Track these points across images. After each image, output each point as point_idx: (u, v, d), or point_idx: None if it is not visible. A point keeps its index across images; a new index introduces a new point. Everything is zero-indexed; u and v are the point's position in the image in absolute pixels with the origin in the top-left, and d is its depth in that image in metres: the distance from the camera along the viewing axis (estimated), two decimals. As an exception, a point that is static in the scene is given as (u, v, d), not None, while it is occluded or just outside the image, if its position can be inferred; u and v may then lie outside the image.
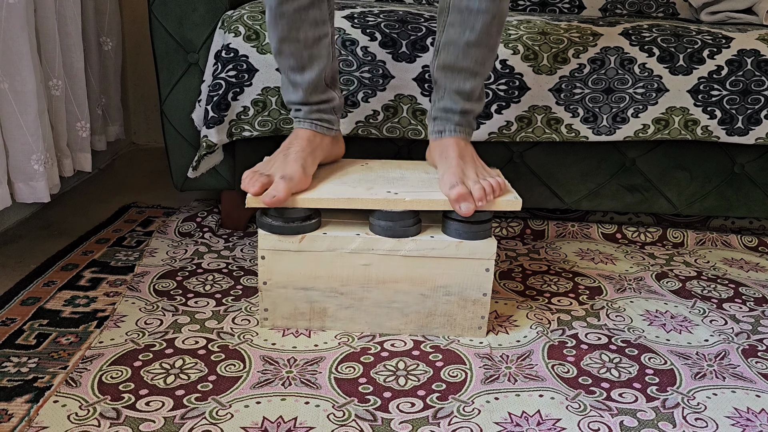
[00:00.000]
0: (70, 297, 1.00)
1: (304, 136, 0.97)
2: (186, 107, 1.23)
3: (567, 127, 1.20)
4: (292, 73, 0.96)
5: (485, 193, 0.89)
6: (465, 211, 0.88)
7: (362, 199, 0.90)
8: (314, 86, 0.96)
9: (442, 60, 0.96)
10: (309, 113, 0.98)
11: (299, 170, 0.91)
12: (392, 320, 0.94)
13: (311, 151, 0.96)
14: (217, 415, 0.74)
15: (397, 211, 0.89)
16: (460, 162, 0.94)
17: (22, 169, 1.11)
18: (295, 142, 0.96)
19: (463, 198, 0.88)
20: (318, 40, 0.94)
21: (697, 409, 0.79)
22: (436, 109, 1.00)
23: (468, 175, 0.92)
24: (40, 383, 0.78)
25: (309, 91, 0.96)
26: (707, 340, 0.96)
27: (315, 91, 0.97)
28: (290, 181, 0.89)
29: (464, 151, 0.97)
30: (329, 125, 1.00)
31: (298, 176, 0.90)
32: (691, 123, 1.21)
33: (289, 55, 0.94)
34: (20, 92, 1.07)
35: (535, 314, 1.02)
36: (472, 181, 0.91)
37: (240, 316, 0.97)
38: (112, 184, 1.61)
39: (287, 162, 0.92)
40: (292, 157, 0.93)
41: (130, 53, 1.91)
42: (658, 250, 1.31)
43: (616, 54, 1.17)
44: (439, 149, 0.99)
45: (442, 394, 0.80)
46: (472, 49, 0.94)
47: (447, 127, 0.98)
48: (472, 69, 0.95)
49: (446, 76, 0.97)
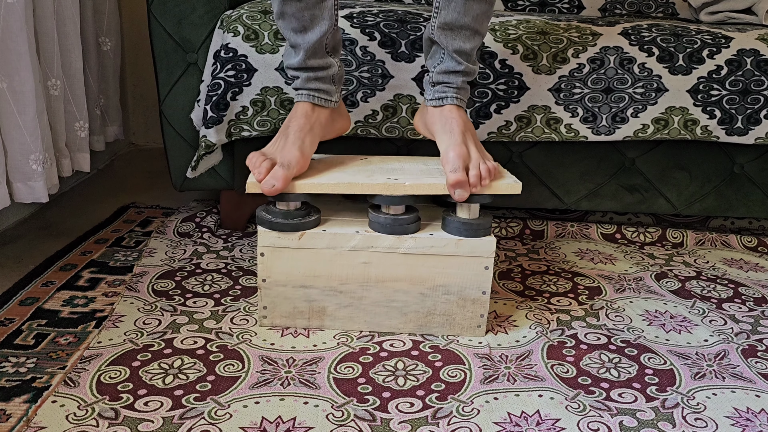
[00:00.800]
0: (68, 297, 1.00)
1: (302, 111, 0.96)
2: (185, 107, 1.22)
3: (566, 126, 1.20)
4: (294, 35, 0.94)
5: (480, 179, 0.90)
6: (458, 197, 0.90)
7: (362, 184, 0.90)
8: (314, 49, 0.94)
9: (443, 18, 0.95)
10: (306, 81, 0.96)
11: (297, 154, 0.91)
12: (391, 319, 0.94)
13: (309, 128, 0.95)
14: (215, 415, 0.74)
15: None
16: (464, 138, 0.94)
17: (21, 169, 1.11)
18: (294, 120, 0.96)
19: (460, 185, 0.89)
20: (321, 1, 0.93)
21: (696, 409, 0.79)
22: (437, 73, 0.98)
23: (471, 155, 0.92)
24: (38, 383, 0.78)
25: (309, 53, 0.94)
26: (707, 340, 0.96)
27: (314, 54, 0.95)
28: (288, 168, 0.89)
29: (467, 126, 0.97)
30: (327, 96, 0.98)
31: (295, 160, 0.90)
32: (690, 123, 1.21)
33: (291, 15, 0.92)
34: (19, 92, 1.07)
35: (535, 314, 1.01)
36: (473, 164, 0.91)
37: (239, 316, 0.97)
38: (111, 185, 1.61)
39: (286, 146, 0.92)
40: (291, 138, 0.93)
41: (129, 53, 1.91)
42: (657, 250, 1.31)
43: (616, 54, 1.17)
44: (441, 119, 0.97)
45: (442, 394, 0.80)
46: (473, 3, 0.93)
47: (449, 94, 0.97)
48: (472, 26, 0.95)
49: (447, 36, 0.95)
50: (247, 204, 1.29)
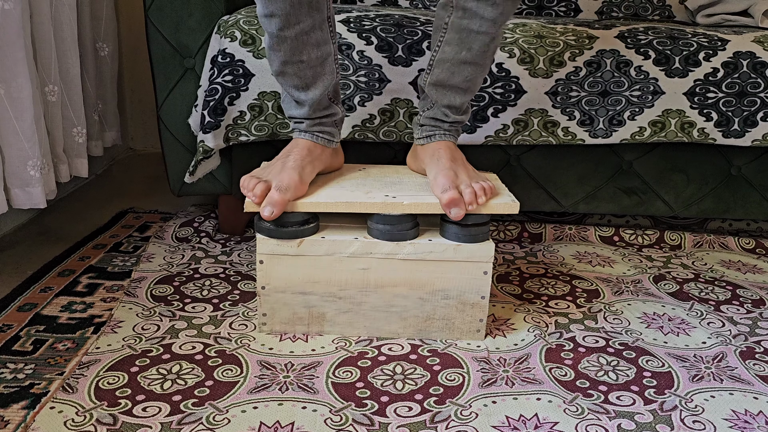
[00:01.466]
0: (66, 303, 1.00)
1: (305, 145, 0.97)
2: (183, 112, 1.22)
3: (563, 130, 1.20)
4: (296, 91, 0.96)
5: (476, 197, 0.90)
6: (455, 216, 0.89)
7: (361, 203, 0.90)
8: (318, 103, 0.96)
9: (435, 77, 0.97)
10: (311, 126, 0.98)
11: (296, 178, 0.90)
12: (391, 324, 0.94)
13: (311, 160, 0.96)
14: (214, 421, 0.74)
15: (395, 214, 0.90)
16: (452, 164, 0.95)
17: (19, 174, 1.11)
18: (295, 150, 0.96)
19: (454, 203, 0.89)
20: (322, 60, 0.94)
21: (695, 411, 0.79)
22: (425, 117, 1.01)
23: (460, 177, 0.92)
24: (36, 389, 0.78)
25: (313, 107, 0.96)
26: (705, 343, 0.96)
27: (318, 107, 0.97)
28: (286, 192, 0.88)
29: (455, 154, 0.98)
30: (330, 137, 1.00)
31: (294, 185, 0.90)
32: (687, 125, 1.21)
33: (292, 75, 0.93)
34: (16, 98, 1.07)
35: (533, 317, 1.02)
36: (464, 184, 0.91)
37: (237, 321, 0.97)
38: (109, 190, 1.61)
39: (284, 170, 0.91)
40: (290, 164, 0.92)
41: (127, 59, 1.91)
42: (655, 253, 1.31)
43: (612, 57, 1.17)
44: (429, 152, 0.99)
45: (440, 398, 0.80)
46: (466, 67, 0.95)
47: (437, 133, 1.00)
48: (463, 86, 0.97)
49: (438, 92, 0.98)
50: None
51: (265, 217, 0.87)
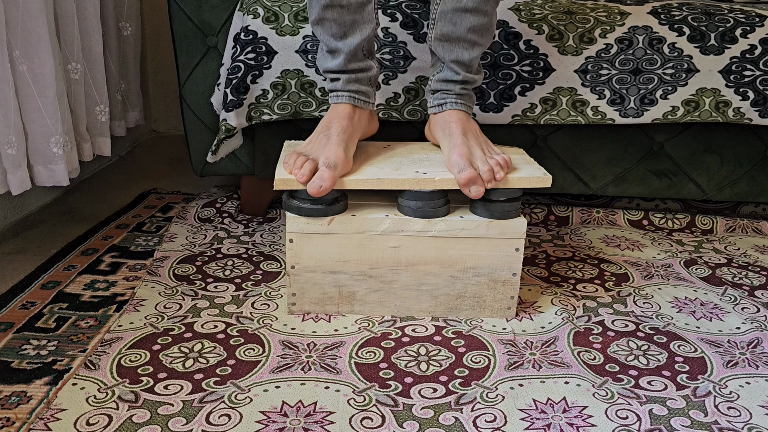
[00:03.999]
0: (89, 281, 1.00)
1: (344, 113, 0.95)
2: (205, 91, 1.21)
3: (593, 109, 1.16)
4: (333, 40, 0.93)
5: (494, 174, 0.88)
6: (474, 194, 0.88)
7: (392, 179, 0.88)
8: (354, 53, 0.93)
9: (439, 30, 0.94)
10: (347, 83, 0.95)
11: (342, 155, 0.89)
12: (421, 303, 0.92)
13: (351, 131, 0.94)
14: (235, 399, 0.73)
15: (426, 191, 0.88)
16: (465, 139, 0.92)
17: (41, 151, 1.11)
18: (335, 122, 0.94)
19: (472, 181, 0.87)
20: (362, 5, 0.91)
21: (729, 398, 0.77)
22: (436, 81, 0.98)
23: (474, 153, 0.90)
24: (59, 366, 0.77)
25: (349, 57, 0.93)
26: (739, 328, 0.93)
27: (354, 58, 0.94)
28: (335, 168, 0.87)
29: (467, 127, 0.95)
30: (366, 98, 0.97)
31: (341, 162, 0.88)
32: (722, 105, 1.17)
33: (331, 21, 0.91)
34: (39, 74, 1.07)
35: (560, 300, 0.99)
36: (480, 160, 0.89)
37: (259, 300, 0.96)
38: (132, 171, 1.61)
39: (329, 146, 0.90)
40: (333, 140, 0.91)
41: (150, 40, 1.90)
42: (686, 237, 1.28)
43: (645, 33, 1.13)
44: (441, 124, 0.97)
45: (465, 380, 0.78)
46: (468, 15, 0.92)
47: (448, 100, 0.97)
48: (469, 38, 0.94)
49: (444, 48, 0.95)
50: (268, 190, 1.28)
51: (313, 192, 0.85)
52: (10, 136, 1.03)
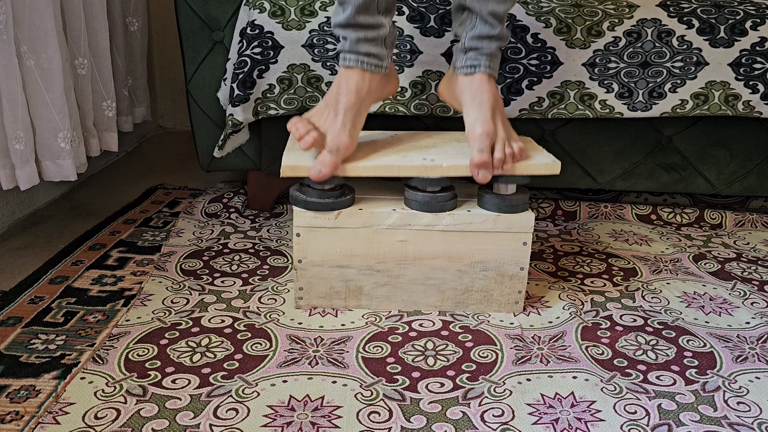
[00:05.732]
0: (97, 276, 1.00)
1: (353, 84, 0.90)
2: (211, 86, 1.21)
3: (601, 103, 1.16)
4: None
5: (502, 162, 0.88)
6: (481, 178, 0.87)
7: (399, 166, 0.88)
8: (365, 4, 0.87)
9: None
10: (356, 43, 0.89)
11: (346, 139, 0.88)
12: (429, 297, 0.92)
13: (360, 105, 0.90)
14: (243, 394, 0.73)
15: (434, 180, 0.87)
16: (494, 115, 0.90)
17: (49, 146, 1.11)
18: (344, 96, 0.89)
19: (484, 165, 0.87)
20: None
21: (739, 392, 0.76)
22: (470, 38, 0.93)
23: (498, 134, 0.89)
24: (67, 360, 0.78)
25: (358, 8, 0.87)
26: (749, 323, 0.92)
27: (365, 10, 0.88)
28: (337, 153, 0.86)
29: (497, 103, 0.92)
30: (378, 61, 0.91)
31: (344, 146, 0.87)
32: (731, 98, 1.16)
33: None
34: (46, 69, 1.07)
35: (568, 295, 0.99)
36: (499, 145, 0.88)
37: (266, 295, 0.96)
38: (139, 167, 1.61)
39: (335, 125, 0.88)
40: (340, 118, 0.88)
41: (157, 36, 1.90)
42: (695, 232, 1.27)
43: (654, 26, 1.12)
44: (471, 89, 0.93)
45: (472, 375, 0.78)
46: None
47: (482, 62, 0.92)
48: None
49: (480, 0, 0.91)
50: (274, 185, 1.28)
51: (314, 177, 0.85)
52: (17, 131, 1.03)
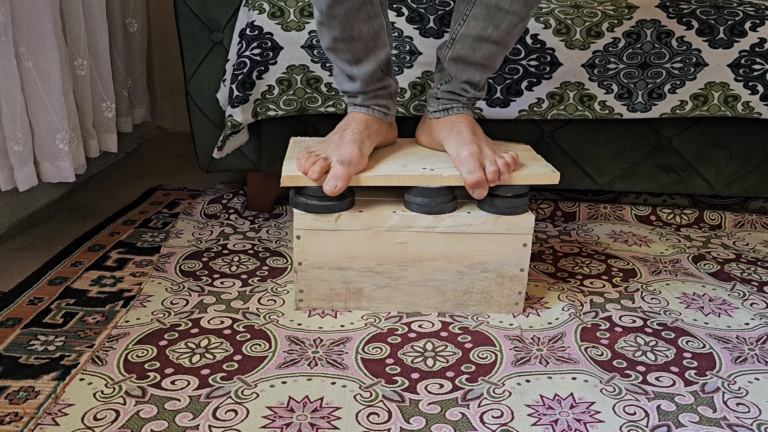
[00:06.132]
0: (96, 277, 1.00)
1: (361, 119, 0.95)
2: (211, 87, 1.21)
3: (600, 104, 1.16)
4: (348, 66, 0.93)
5: (498, 175, 0.88)
6: (478, 196, 0.89)
7: (399, 176, 0.88)
8: (371, 76, 0.93)
9: (456, 52, 0.94)
10: (366, 100, 0.96)
11: (357, 152, 0.88)
12: (429, 299, 0.92)
13: (368, 134, 0.93)
14: (242, 395, 0.73)
15: (433, 187, 0.88)
16: (475, 138, 0.92)
17: (48, 148, 1.11)
18: (352, 124, 0.94)
19: (479, 185, 0.87)
20: (374, 34, 0.90)
21: (738, 393, 0.76)
22: (443, 91, 0.98)
23: (484, 152, 0.90)
24: (66, 361, 0.78)
25: (366, 81, 0.93)
26: (748, 324, 0.92)
27: (371, 80, 0.94)
28: (349, 165, 0.86)
29: (475, 127, 0.95)
30: (386, 110, 0.97)
31: (356, 159, 0.88)
32: (731, 99, 1.16)
33: (345, 51, 0.91)
34: (44, 70, 1.07)
35: (567, 296, 0.99)
36: (489, 161, 0.89)
37: (266, 296, 0.96)
38: (138, 168, 1.61)
39: (343, 144, 0.89)
40: (348, 138, 0.90)
41: (156, 37, 1.90)
42: (694, 233, 1.27)
43: (653, 27, 1.12)
44: (448, 126, 0.96)
45: (472, 376, 0.78)
46: (489, 45, 0.91)
47: (454, 106, 0.97)
48: (484, 63, 0.94)
49: (457, 67, 0.95)
50: (274, 186, 1.28)
51: (329, 192, 0.85)
52: (16, 132, 1.03)
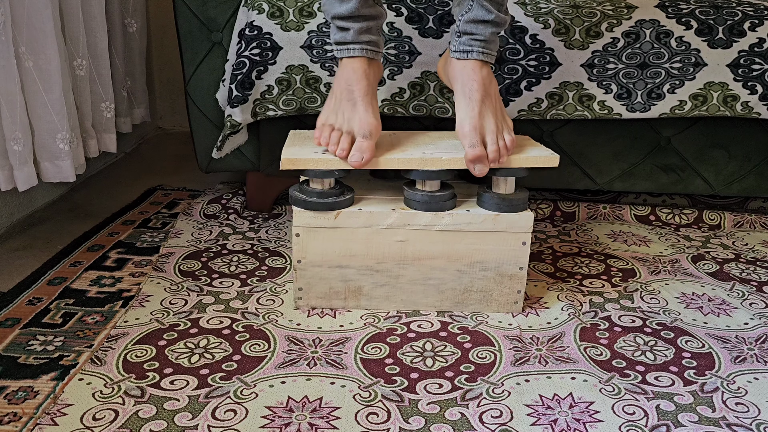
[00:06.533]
0: (96, 277, 1.00)
1: (360, 71, 0.90)
2: (210, 87, 1.21)
3: (599, 104, 1.16)
4: None
5: (499, 156, 0.87)
6: (478, 172, 0.87)
7: (399, 159, 0.88)
8: None
9: None
10: (359, 33, 0.89)
11: (374, 121, 0.88)
12: (428, 297, 0.92)
13: (372, 88, 0.91)
14: (241, 395, 0.73)
15: (433, 171, 0.87)
16: (483, 107, 0.89)
17: (48, 148, 1.11)
18: (355, 83, 0.90)
19: (479, 159, 0.87)
20: None
21: (737, 393, 0.76)
22: (464, 22, 0.91)
23: (487, 127, 0.88)
24: (65, 361, 0.78)
25: (361, 2, 0.88)
26: (747, 324, 0.92)
27: (366, 2, 0.89)
28: (371, 137, 0.87)
29: (488, 90, 0.91)
30: (377, 48, 0.93)
31: (375, 128, 0.88)
32: (730, 99, 1.16)
33: None
34: (44, 70, 1.07)
35: (566, 296, 0.99)
36: (491, 137, 0.88)
37: (265, 296, 0.96)
38: (138, 168, 1.61)
39: (358, 112, 0.88)
40: (361, 105, 0.89)
41: (156, 37, 1.90)
42: (693, 233, 1.27)
43: (652, 27, 1.13)
44: (462, 77, 0.91)
45: (471, 376, 0.78)
46: None
47: (474, 47, 0.91)
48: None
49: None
50: (273, 186, 1.28)
51: (357, 165, 0.85)
52: (16, 132, 1.03)
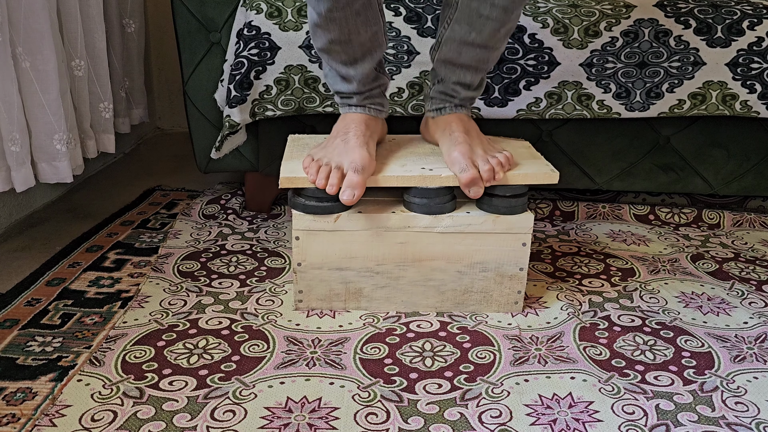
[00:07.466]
0: (94, 278, 1.00)
1: (361, 119, 0.94)
2: (209, 88, 1.21)
3: (598, 103, 1.16)
4: (344, 67, 0.91)
5: (494, 174, 0.87)
6: (474, 195, 0.88)
7: (398, 176, 0.88)
8: (367, 76, 0.92)
9: (444, 54, 0.93)
10: (362, 100, 0.95)
11: (367, 156, 0.87)
12: (428, 298, 0.92)
13: (370, 134, 0.93)
14: (240, 395, 0.73)
15: (432, 187, 0.87)
16: (467, 138, 0.91)
17: (45, 149, 1.11)
18: (352, 126, 0.92)
19: (473, 182, 0.87)
20: (373, 35, 0.88)
21: (737, 392, 0.76)
22: (435, 91, 0.97)
23: (476, 151, 0.90)
24: (64, 362, 0.77)
25: (362, 82, 0.92)
26: (746, 323, 0.92)
27: (368, 80, 0.93)
28: (363, 171, 0.85)
29: (468, 126, 0.94)
30: (381, 107, 0.97)
31: (368, 163, 0.87)
32: (729, 98, 1.16)
33: (341, 52, 0.89)
34: (42, 71, 1.07)
35: (566, 296, 0.99)
36: (481, 160, 0.88)
37: (264, 297, 0.96)
38: (136, 169, 1.61)
39: (349, 148, 0.88)
40: (353, 142, 0.89)
41: (154, 37, 1.90)
42: (693, 232, 1.27)
43: (651, 26, 1.12)
44: (442, 126, 0.95)
45: (470, 376, 0.78)
46: (475, 49, 0.90)
47: (447, 106, 0.96)
48: (473, 65, 0.92)
49: (447, 69, 0.94)
50: (272, 186, 1.28)
51: (346, 202, 0.84)
52: (13, 133, 1.03)
